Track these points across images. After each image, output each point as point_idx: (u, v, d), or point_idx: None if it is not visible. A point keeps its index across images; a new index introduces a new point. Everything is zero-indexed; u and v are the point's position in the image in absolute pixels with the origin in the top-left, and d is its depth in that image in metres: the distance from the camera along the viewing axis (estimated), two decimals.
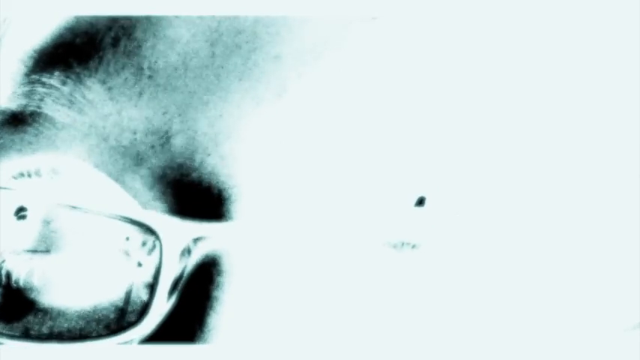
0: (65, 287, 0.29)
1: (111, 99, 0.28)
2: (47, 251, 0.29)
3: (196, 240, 0.27)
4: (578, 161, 0.30)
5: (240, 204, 0.27)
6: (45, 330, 0.29)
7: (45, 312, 0.29)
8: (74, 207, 0.28)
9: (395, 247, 0.28)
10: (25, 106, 0.28)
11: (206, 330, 0.27)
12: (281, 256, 0.27)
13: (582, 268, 0.30)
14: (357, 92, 0.28)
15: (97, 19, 0.28)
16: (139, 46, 0.28)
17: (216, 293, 0.27)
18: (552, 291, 0.29)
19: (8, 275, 0.30)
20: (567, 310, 0.29)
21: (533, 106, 0.29)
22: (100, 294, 0.29)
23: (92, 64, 0.28)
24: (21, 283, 0.29)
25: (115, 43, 0.28)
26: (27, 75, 0.29)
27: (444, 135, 0.28)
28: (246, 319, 0.27)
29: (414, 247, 0.29)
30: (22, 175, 0.29)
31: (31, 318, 0.29)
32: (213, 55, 0.27)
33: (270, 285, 0.27)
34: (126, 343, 0.28)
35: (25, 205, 0.29)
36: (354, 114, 0.28)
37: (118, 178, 0.28)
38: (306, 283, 0.28)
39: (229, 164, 0.27)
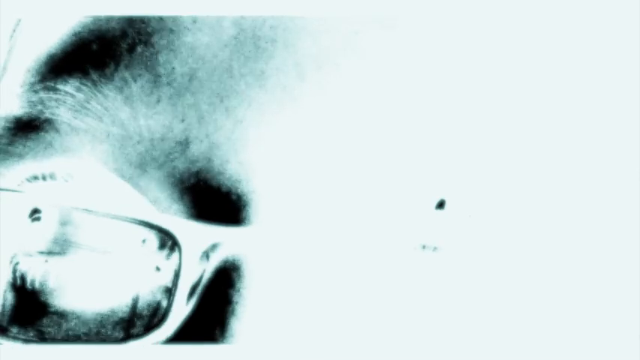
0: (81, 290, 0.29)
1: (128, 106, 0.27)
2: (62, 254, 0.29)
3: (215, 245, 0.27)
4: (598, 165, 0.30)
5: (258, 209, 0.27)
6: (60, 334, 0.29)
7: (60, 316, 0.29)
8: (89, 210, 0.28)
9: (416, 250, 0.28)
10: (40, 112, 0.28)
11: (226, 335, 0.26)
12: (300, 260, 0.27)
13: (599, 271, 0.30)
14: (376, 97, 0.27)
15: (113, 25, 0.28)
16: (156, 53, 0.27)
17: (235, 298, 0.26)
18: (569, 293, 0.29)
19: (23, 277, 0.29)
20: (584, 311, 0.29)
21: (553, 110, 0.29)
22: (117, 298, 0.29)
23: (108, 70, 0.28)
24: (36, 286, 0.29)
25: (132, 49, 0.27)
26: (41, 82, 0.28)
27: (462, 138, 0.28)
28: (265, 324, 0.26)
29: (435, 249, 0.28)
30: (36, 178, 0.29)
31: (46, 321, 0.29)
32: (231, 61, 0.27)
33: (289, 289, 0.27)
34: (144, 348, 0.27)
35: (39, 207, 0.29)
36: (373, 119, 0.27)
37: (135, 183, 0.28)
38: (324, 287, 0.27)
39: (248, 170, 0.27)
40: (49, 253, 0.29)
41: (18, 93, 0.28)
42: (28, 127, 0.28)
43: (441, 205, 0.28)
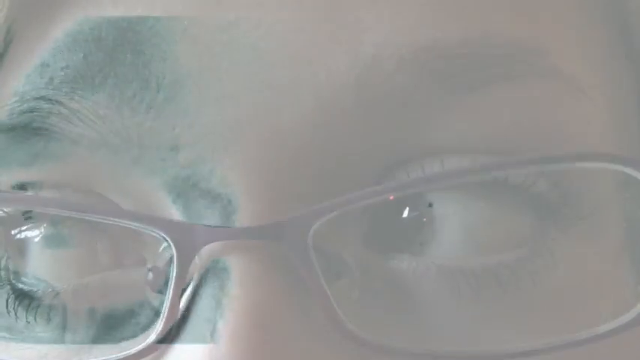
0: (73, 290, 0.29)
1: (119, 114, 0.27)
2: (54, 252, 0.29)
3: (207, 247, 0.27)
4: None
5: (249, 212, 0.27)
6: (51, 333, 0.29)
7: (51, 315, 0.29)
8: (82, 211, 0.28)
9: (404, 244, 0.28)
10: (31, 121, 0.28)
11: (215, 336, 0.27)
12: (289, 262, 0.27)
13: (589, 267, 0.30)
14: (371, 95, 0.27)
15: (104, 33, 0.27)
16: (148, 61, 0.27)
17: (225, 300, 0.27)
18: (559, 285, 0.29)
19: (16, 273, 0.30)
20: (573, 305, 0.29)
21: None
22: (109, 298, 0.29)
23: (99, 79, 0.27)
24: (27, 283, 0.29)
25: (123, 57, 0.27)
26: (32, 90, 0.28)
27: (453, 136, 0.28)
28: (255, 326, 0.27)
29: (421, 244, 0.29)
30: (22, 187, 0.29)
31: (37, 320, 0.29)
32: (221, 67, 0.27)
33: (279, 291, 0.27)
34: (135, 348, 0.28)
35: (31, 208, 0.29)
36: (366, 119, 0.27)
37: (126, 189, 0.28)
38: (315, 288, 0.27)
39: (238, 173, 0.27)
40: (41, 250, 0.29)
41: (8, 101, 0.28)
42: (19, 135, 0.28)
43: (430, 205, 0.29)
